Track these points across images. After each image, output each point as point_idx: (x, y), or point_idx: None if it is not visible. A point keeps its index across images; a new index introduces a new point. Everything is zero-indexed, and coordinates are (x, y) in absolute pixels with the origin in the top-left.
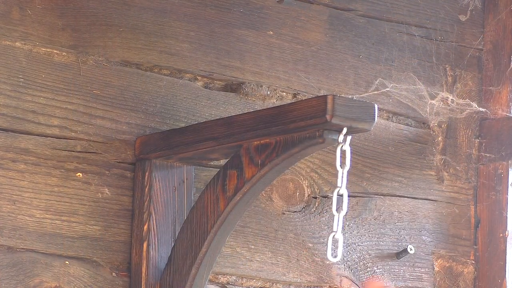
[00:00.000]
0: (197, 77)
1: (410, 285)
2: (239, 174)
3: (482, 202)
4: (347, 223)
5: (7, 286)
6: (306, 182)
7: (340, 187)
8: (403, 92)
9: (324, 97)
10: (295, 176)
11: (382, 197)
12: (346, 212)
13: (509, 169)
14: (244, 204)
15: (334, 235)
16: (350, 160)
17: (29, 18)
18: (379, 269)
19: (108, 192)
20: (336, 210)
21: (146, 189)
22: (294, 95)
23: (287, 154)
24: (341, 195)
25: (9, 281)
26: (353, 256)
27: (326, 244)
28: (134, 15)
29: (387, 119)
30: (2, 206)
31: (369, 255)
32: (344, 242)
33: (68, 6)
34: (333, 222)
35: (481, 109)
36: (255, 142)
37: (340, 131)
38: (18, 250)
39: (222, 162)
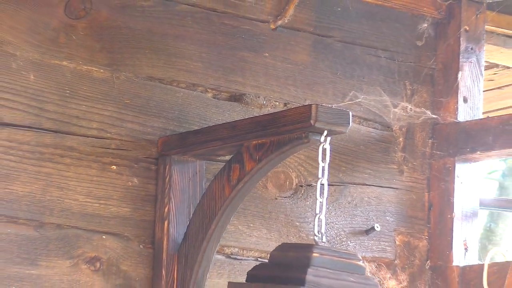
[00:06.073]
0: (208, 90)
1: (376, 255)
2: (241, 167)
3: (434, 190)
4: (327, 207)
5: (57, 255)
6: (294, 173)
7: (322, 178)
8: (372, 102)
9: (309, 106)
10: (286, 168)
11: (354, 185)
12: (327, 198)
13: (456, 164)
14: (245, 191)
15: (319, 216)
16: (330, 156)
17: (74, 42)
18: (352, 243)
19: (136, 181)
20: (319, 196)
21: (167, 179)
22: (285, 104)
23: (280, 151)
24: (323, 185)
25: (58, 251)
26: (331, 233)
27: (314, 225)
28: (158, 40)
29: (359, 124)
30: (53, 192)
31: (344, 232)
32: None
33: (105, 32)
34: (315, 205)
35: (433, 116)
36: (254, 142)
37: (322, 133)
38: (65, 227)
39: (227, 157)
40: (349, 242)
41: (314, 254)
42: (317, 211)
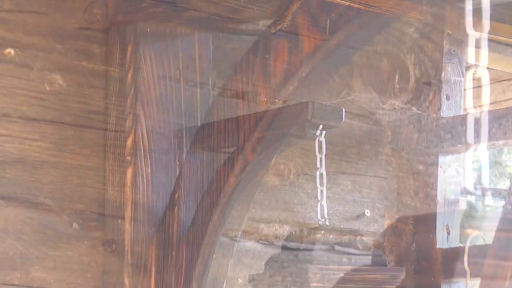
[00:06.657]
0: (214, 88)
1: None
2: (244, 158)
3: (419, 179)
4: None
5: (76, 237)
6: (292, 164)
7: (321, 168)
8: (363, 99)
9: (306, 103)
10: (284, 159)
11: (347, 175)
12: (325, 186)
13: (439, 156)
14: (247, 180)
15: (321, 203)
16: (325, 148)
17: (92, 44)
18: (345, 227)
19: (149, 171)
20: (319, 184)
21: (178, 169)
22: (284, 101)
23: (279, 144)
24: (321, 174)
25: (77, 234)
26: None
27: (317, 211)
28: (168, 42)
29: (351, 119)
30: (73, 180)
31: (338, 217)
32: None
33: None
34: (316, 193)
35: (419, 112)
36: (256, 135)
37: (317, 128)
38: (84, 211)
39: (232, 149)
40: (342, 226)
41: (318, 236)
42: (319, 198)
